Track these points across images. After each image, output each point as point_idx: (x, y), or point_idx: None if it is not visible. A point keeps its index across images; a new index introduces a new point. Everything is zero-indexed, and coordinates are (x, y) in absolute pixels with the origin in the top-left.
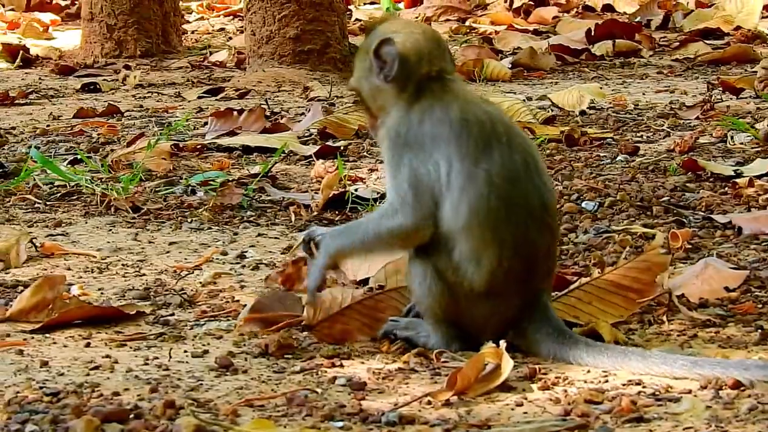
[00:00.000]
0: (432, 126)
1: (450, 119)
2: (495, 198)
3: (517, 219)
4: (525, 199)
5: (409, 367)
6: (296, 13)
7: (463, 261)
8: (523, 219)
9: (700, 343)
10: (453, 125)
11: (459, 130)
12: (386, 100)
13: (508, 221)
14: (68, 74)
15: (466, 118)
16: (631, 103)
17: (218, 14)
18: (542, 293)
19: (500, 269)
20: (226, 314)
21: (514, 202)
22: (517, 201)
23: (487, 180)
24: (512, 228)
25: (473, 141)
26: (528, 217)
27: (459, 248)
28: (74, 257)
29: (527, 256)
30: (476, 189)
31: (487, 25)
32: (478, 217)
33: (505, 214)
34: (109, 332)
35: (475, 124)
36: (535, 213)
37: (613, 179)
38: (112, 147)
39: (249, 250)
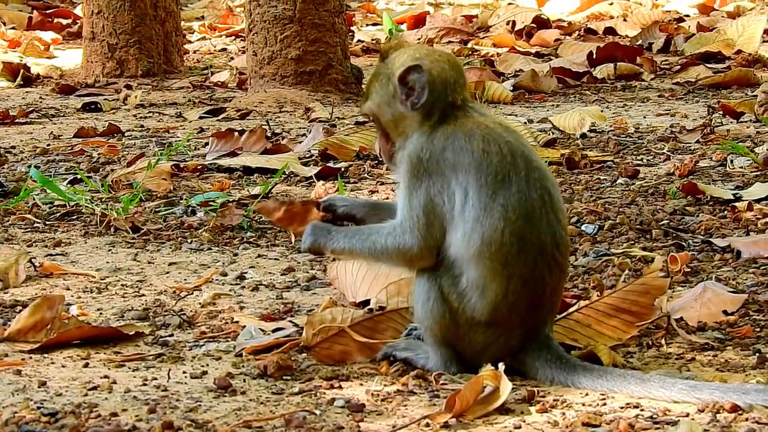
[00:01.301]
0: (453, 154)
1: (472, 149)
2: (509, 233)
3: (528, 255)
4: (538, 236)
5: (407, 389)
6: (298, 33)
7: (469, 288)
8: (533, 256)
9: (698, 367)
10: (474, 155)
11: (480, 161)
12: (409, 126)
13: (519, 257)
14: (69, 93)
15: (487, 149)
16: (632, 127)
17: (220, 34)
18: (545, 327)
19: (505, 301)
20: (225, 335)
21: (527, 239)
22: (529, 238)
23: (503, 214)
24: (522, 263)
25: (492, 173)
26: (539, 254)
27: (467, 276)
28: (73, 277)
29: (534, 291)
30: (491, 222)
31: (489, 47)
32: (490, 248)
33: (516, 249)
34: (108, 353)
35: (496, 155)
36: (546, 250)
37: (613, 202)
38: (113, 167)
39: (249, 271)
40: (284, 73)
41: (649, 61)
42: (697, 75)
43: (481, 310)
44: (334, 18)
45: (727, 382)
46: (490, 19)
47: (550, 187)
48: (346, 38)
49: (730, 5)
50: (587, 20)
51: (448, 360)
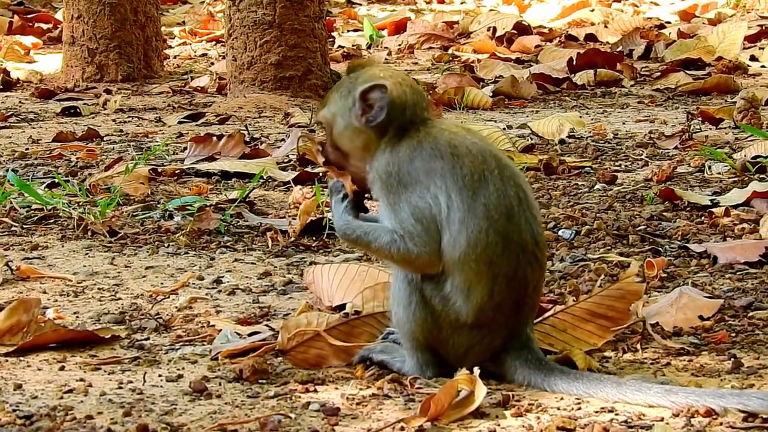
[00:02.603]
0: (423, 162)
1: (441, 154)
2: (493, 233)
3: (511, 254)
4: (519, 234)
5: (383, 392)
6: (278, 39)
7: (454, 292)
8: (516, 254)
9: (674, 371)
10: (445, 159)
11: (452, 164)
12: (362, 142)
13: (503, 256)
14: (49, 98)
15: (456, 152)
16: (611, 133)
17: (200, 39)
18: (527, 326)
19: (490, 302)
20: (201, 339)
21: (510, 238)
22: (512, 236)
23: (486, 214)
24: (506, 263)
25: (468, 173)
26: (521, 252)
27: (452, 279)
28: (50, 281)
29: (517, 290)
30: (476, 222)
31: (469, 53)
32: (475, 250)
33: (501, 249)
34: (84, 356)
35: (466, 156)
36: (527, 248)
37: (591, 208)
38: (91, 171)
39: (225, 275)
40: (264, 78)
41: (630, 68)
42: (677, 81)
43: (466, 313)
44: (314, 23)
45: (703, 386)
46: (471, 26)
47: (523, 185)
48: (326, 44)
49: (711, 12)
50: (568, 27)
51: (424, 364)
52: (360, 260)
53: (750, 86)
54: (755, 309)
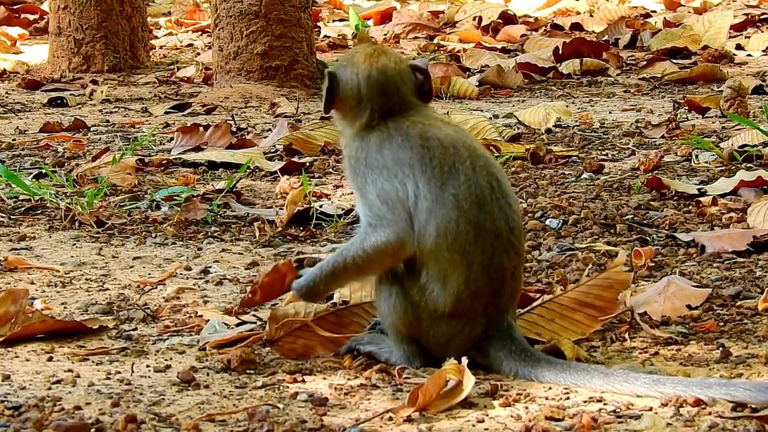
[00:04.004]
0: (392, 152)
1: (411, 146)
2: (464, 222)
3: (485, 242)
4: (492, 222)
5: (371, 383)
6: (264, 29)
7: (430, 282)
8: (490, 242)
9: (662, 361)
10: (414, 150)
11: (421, 155)
12: (340, 126)
13: (476, 244)
14: (35, 88)
15: (426, 144)
16: (597, 122)
17: (186, 30)
18: (507, 314)
19: (467, 291)
20: (189, 329)
21: (482, 226)
22: (484, 224)
23: (455, 204)
24: (480, 251)
25: (437, 165)
26: (495, 240)
27: (426, 270)
28: (38, 271)
29: (494, 278)
30: (444, 213)
31: (455, 42)
32: (446, 240)
33: (473, 237)
34: (72, 346)
35: (437, 148)
36: (502, 235)
37: (578, 197)
38: (78, 161)
39: (213, 265)
40: (250, 69)
41: (616, 57)
42: (663, 71)
43: (443, 302)
44: (300, 13)
45: (691, 376)
46: (457, 15)
47: (497, 173)
48: (311, 34)
49: (697, 1)
50: (554, 16)
51: (411, 355)
52: None
53: (736, 75)
54: (743, 298)
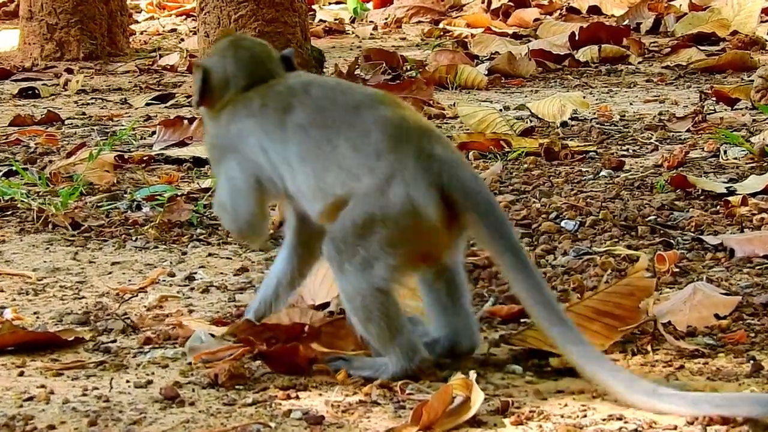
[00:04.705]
0: (237, 124)
1: (253, 111)
2: (316, 132)
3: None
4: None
5: (370, 399)
6: (254, 13)
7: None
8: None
9: (688, 375)
10: (255, 114)
11: (260, 114)
12: (205, 121)
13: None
14: (4, 78)
15: (264, 101)
16: (617, 114)
17: (169, 14)
18: None
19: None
20: (172, 342)
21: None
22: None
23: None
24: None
25: (272, 113)
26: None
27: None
28: (7, 278)
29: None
30: (304, 145)
31: (462, 27)
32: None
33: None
34: (45, 360)
35: (272, 99)
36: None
37: (596, 196)
38: (51, 158)
39: (198, 271)
40: None
41: (637, 43)
42: (688, 58)
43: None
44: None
45: (719, 391)
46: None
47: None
48: (306, 18)
49: None
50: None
51: (408, 351)
52: None
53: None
54: None
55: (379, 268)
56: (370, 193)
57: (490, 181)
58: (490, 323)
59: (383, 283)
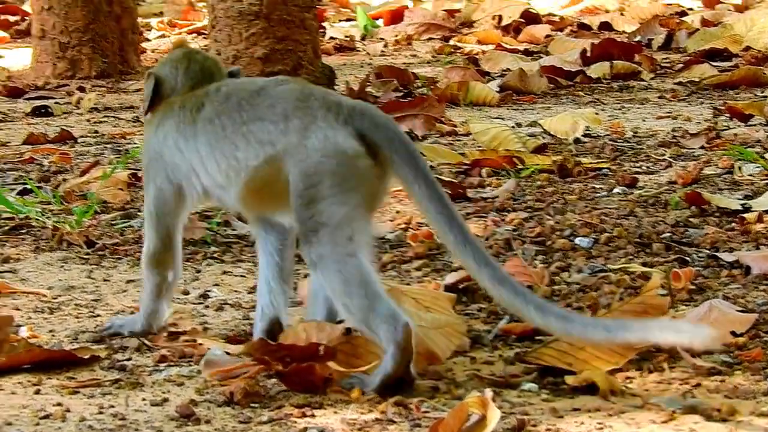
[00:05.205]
0: (162, 128)
1: (174, 113)
2: (223, 118)
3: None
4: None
5: (386, 417)
6: (265, 30)
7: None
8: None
9: (704, 393)
10: (174, 115)
11: (178, 114)
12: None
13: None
14: (17, 96)
15: (183, 104)
16: (630, 131)
17: (180, 32)
18: None
19: None
20: (187, 359)
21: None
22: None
23: (211, 125)
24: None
25: (187, 113)
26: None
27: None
28: (23, 296)
29: None
30: (212, 133)
31: (473, 44)
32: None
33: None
34: (61, 378)
35: (190, 100)
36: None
37: (610, 213)
38: (65, 176)
39: (213, 289)
40: (250, 74)
41: (649, 59)
42: (701, 74)
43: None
44: (304, 13)
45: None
46: (475, 14)
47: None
48: (317, 35)
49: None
50: (580, 14)
51: (390, 317)
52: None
53: None
54: None
55: (340, 233)
56: (290, 150)
57: (503, 199)
58: (505, 341)
59: (351, 247)
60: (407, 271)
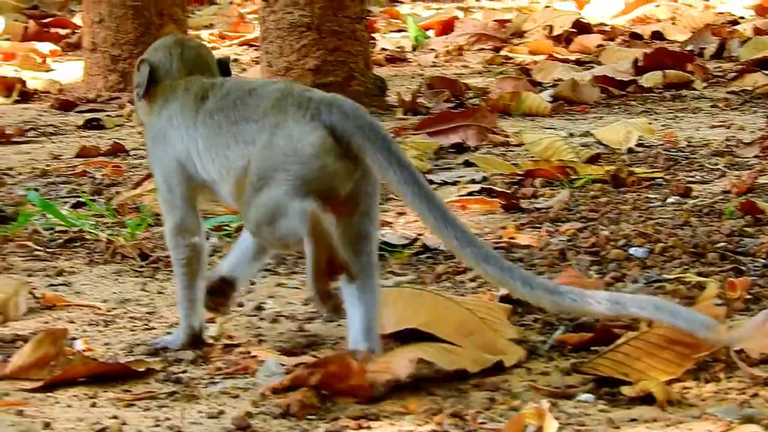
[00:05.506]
0: (167, 109)
1: (177, 95)
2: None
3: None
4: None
5: (442, 428)
6: (316, 42)
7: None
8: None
9: (762, 403)
10: (179, 98)
11: (182, 97)
12: (142, 116)
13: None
14: (69, 109)
15: (188, 87)
16: (683, 140)
17: (231, 44)
18: None
19: None
20: (242, 371)
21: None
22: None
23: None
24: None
25: (191, 99)
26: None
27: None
28: (78, 309)
29: None
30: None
31: (524, 54)
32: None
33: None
34: (117, 391)
35: (195, 86)
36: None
37: (664, 223)
38: (118, 189)
39: (267, 301)
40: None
41: (701, 68)
42: (754, 83)
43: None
44: (355, 25)
45: None
46: (525, 24)
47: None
48: (368, 47)
49: None
50: (632, 24)
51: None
52: (414, 283)
53: None
54: None
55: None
56: (261, 147)
57: (557, 209)
58: (561, 351)
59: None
60: (462, 282)
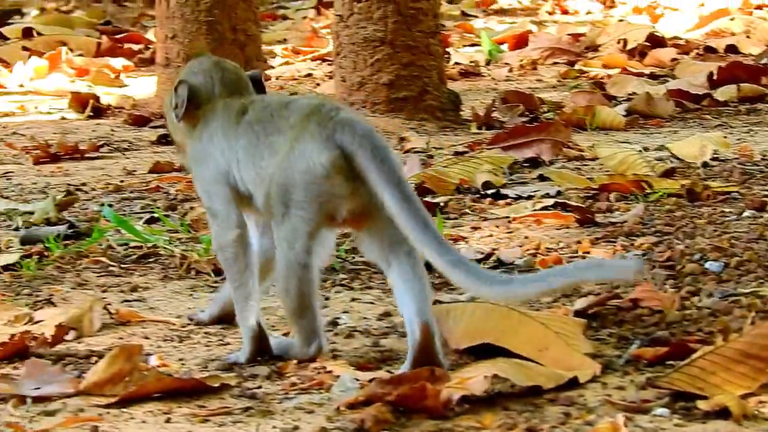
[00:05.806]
0: (208, 130)
1: (217, 115)
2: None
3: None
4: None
5: None
6: (390, 57)
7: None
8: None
9: None
10: (219, 117)
11: (222, 116)
12: (181, 136)
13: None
14: (142, 125)
15: (227, 106)
16: (759, 154)
17: (305, 59)
18: None
19: None
20: (317, 386)
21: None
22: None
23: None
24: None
25: (232, 115)
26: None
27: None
28: (152, 324)
29: None
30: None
31: (598, 68)
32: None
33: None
34: (191, 406)
35: (235, 104)
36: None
37: (740, 237)
38: (192, 204)
39: (342, 316)
40: (375, 100)
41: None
42: None
43: None
44: (429, 39)
45: None
46: (599, 38)
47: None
48: (442, 61)
49: None
50: (706, 37)
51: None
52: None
53: None
54: None
55: (299, 240)
56: (279, 161)
57: (632, 223)
58: (636, 366)
59: (304, 257)
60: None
